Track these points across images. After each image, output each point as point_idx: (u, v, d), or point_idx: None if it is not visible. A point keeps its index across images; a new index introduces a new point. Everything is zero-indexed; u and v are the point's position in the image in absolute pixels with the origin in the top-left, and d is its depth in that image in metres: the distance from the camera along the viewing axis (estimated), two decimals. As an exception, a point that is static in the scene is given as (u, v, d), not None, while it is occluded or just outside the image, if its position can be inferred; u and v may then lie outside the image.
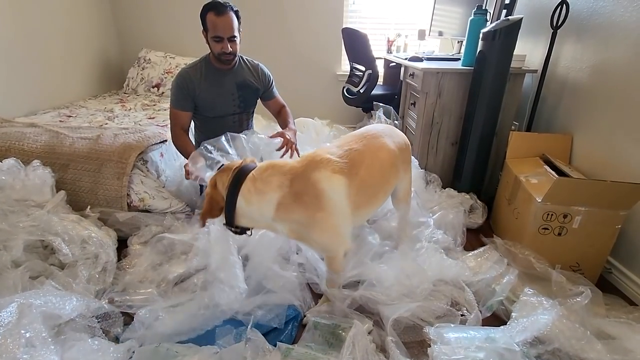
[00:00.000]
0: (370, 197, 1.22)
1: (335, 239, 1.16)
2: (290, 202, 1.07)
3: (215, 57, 1.68)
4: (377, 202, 1.30)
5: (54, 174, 1.56)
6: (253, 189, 1.08)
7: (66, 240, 1.31)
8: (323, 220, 1.10)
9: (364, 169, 1.15)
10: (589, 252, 1.42)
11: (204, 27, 1.63)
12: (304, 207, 1.08)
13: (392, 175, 1.30)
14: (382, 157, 1.24)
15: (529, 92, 2.03)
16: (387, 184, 1.30)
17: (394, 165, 1.29)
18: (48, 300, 1.01)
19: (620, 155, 1.50)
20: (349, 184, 1.11)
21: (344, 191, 1.11)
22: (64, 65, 2.65)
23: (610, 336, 1.10)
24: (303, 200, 1.08)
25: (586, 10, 1.68)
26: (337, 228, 1.14)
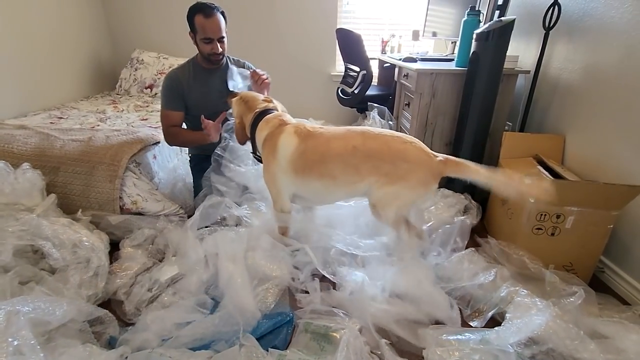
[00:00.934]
0: (312, 168, 1.32)
1: (272, 186, 1.43)
2: (266, 141, 1.40)
3: (205, 58, 1.72)
4: (322, 179, 1.32)
5: (44, 177, 1.53)
6: (262, 126, 1.43)
7: (56, 245, 1.28)
8: (268, 165, 1.39)
9: (314, 140, 1.32)
10: (582, 252, 1.43)
11: (192, 28, 1.65)
12: (267, 149, 1.39)
13: (345, 169, 1.29)
14: (345, 143, 1.29)
15: (521, 92, 2.05)
16: (342, 170, 1.30)
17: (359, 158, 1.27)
18: (37, 306, 0.99)
19: (612, 155, 1.51)
20: (296, 147, 1.33)
21: (290, 150, 1.33)
22: (55, 66, 2.62)
23: (603, 336, 1.10)
24: (269, 144, 1.38)
25: (578, 11, 1.69)
26: (275, 178, 1.39)
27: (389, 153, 1.26)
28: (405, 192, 1.29)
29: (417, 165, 1.26)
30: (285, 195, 1.43)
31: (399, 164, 1.25)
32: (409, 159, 1.26)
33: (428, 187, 1.29)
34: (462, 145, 1.92)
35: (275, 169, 1.37)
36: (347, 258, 1.46)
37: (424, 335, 1.10)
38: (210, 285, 1.32)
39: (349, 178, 1.30)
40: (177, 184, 1.98)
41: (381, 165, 1.26)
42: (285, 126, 1.38)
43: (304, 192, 1.42)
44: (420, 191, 1.30)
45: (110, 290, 1.33)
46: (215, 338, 1.10)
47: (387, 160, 1.26)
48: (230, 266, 1.29)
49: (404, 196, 1.30)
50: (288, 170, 1.35)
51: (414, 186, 1.28)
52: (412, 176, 1.26)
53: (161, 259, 1.52)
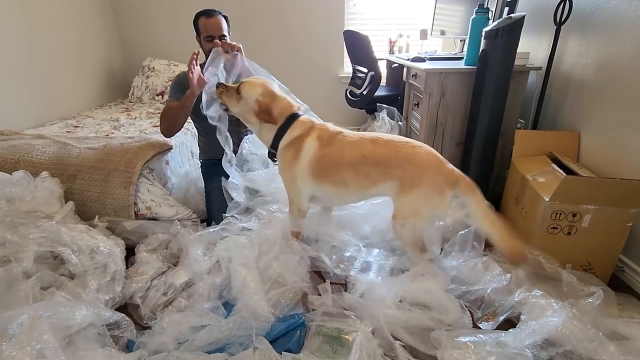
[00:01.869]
0: (328, 174, 1.36)
1: (291, 187, 1.44)
2: (292, 142, 1.40)
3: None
4: (336, 186, 1.37)
5: (62, 185, 1.58)
6: (296, 126, 1.41)
7: (75, 251, 1.32)
8: (290, 166, 1.40)
9: (331, 148, 1.34)
10: (600, 250, 1.40)
11: (197, 31, 1.76)
12: (291, 151, 1.39)
13: (356, 178, 1.33)
14: (356, 152, 1.32)
15: (533, 89, 2.01)
16: (353, 178, 1.34)
17: (369, 166, 1.31)
18: (58, 310, 1.02)
19: (630, 151, 1.47)
20: (315, 152, 1.35)
21: (310, 155, 1.36)
22: (70, 77, 2.70)
23: (623, 337, 1.07)
24: (294, 146, 1.39)
25: (590, 5, 1.66)
26: (295, 179, 1.40)
27: (397, 157, 1.29)
28: (422, 204, 1.28)
29: (426, 168, 1.26)
30: (304, 196, 1.45)
31: (407, 167, 1.27)
32: (416, 162, 1.27)
33: (442, 194, 1.26)
34: (473, 144, 1.90)
35: (296, 171, 1.39)
36: (360, 262, 1.46)
37: (438, 337, 1.09)
38: (224, 289, 1.34)
39: (360, 185, 1.35)
40: (190, 188, 2.01)
41: (391, 170, 1.29)
42: (311, 129, 1.39)
43: (320, 195, 1.46)
44: (436, 199, 1.27)
45: (127, 294, 1.36)
46: (230, 341, 1.11)
47: (395, 165, 1.28)
48: (243, 271, 1.31)
49: (421, 208, 1.29)
50: (307, 174, 1.39)
51: (428, 193, 1.26)
52: (423, 181, 1.26)
53: (175, 263, 1.54)
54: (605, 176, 1.53)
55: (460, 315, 1.18)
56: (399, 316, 1.18)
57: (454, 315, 1.18)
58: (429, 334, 1.13)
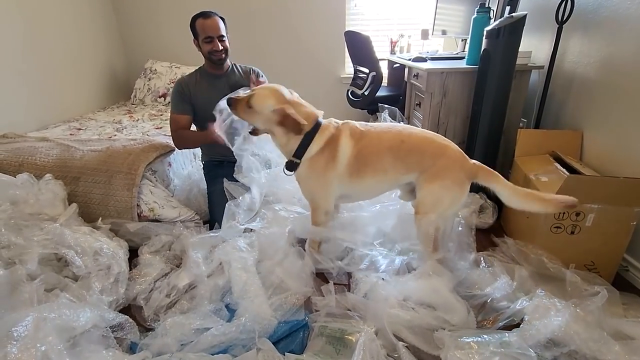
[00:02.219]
0: (367, 165, 1.34)
1: (321, 192, 1.41)
2: (324, 148, 1.35)
3: (207, 59, 1.79)
4: (376, 175, 1.36)
5: (66, 187, 1.59)
6: (321, 132, 1.36)
7: (79, 253, 1.32)
8: (324, 172, 1.35)
9: (367, 139, 1.34)
10: (604, 250, 1.39)
11: (195, 34, 1.76)
12: (324, 156, 1.35)
13: (394, 163, 1.34)
14: (394, 137, 1.34)
15: (536, 88, 2.01)
16: (392, 164, 1.34)
17: (405, 151, 1.33)
18: (62, 312, 1.03)
19: (633, 149, 1.46)
20: (352, 149, 1.34)
21: (348, 154, 1.34)
22: (73, 79, 2.71)
23: (628, 337, 1.07)
24: (327, 150, 1.34)
25: (592, 4, 1.65)
26: (328, 184, 1.38)
27: (431, 148, 1.33)
28: (443, 194, 1.31)
29: (453, 163, 1.30)
30: (333, 198, 1.44)
31: (437, 160, 1.30)
32: (447, 155, 1.31)
33: (462, 187, 1.31)
34: (476, 143, 1.89)
35: (332, 175, 1.36)
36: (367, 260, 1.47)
37: (441, 337, 1.08)
38: (226, 292, 1.34)
39: (397, 170, 1.35)
40: (192, 190, 2.01)
41: (423, 160, 1.32)
42: (341, 129, 1.37)
43: (354, 191, 1.45)
44: (456, 191, 1.31)
45: (130, 296, 1.36)
46: (233, 344, 1.11)
47: (428, 155, 1.31)
48: (243, 275, 1.31)
49: (442, 199, 1.31)
50: (345, 174, 1.37)
51: (450, 186, 1.30)
52: (447, 174, 1.30)
53: (178, 264, 1.55)
54: (608, 175, 1.53)
55: (466, 316, 1.18)
56: (402, 316, 1.17)
57: (460, 315, 1.17)
58: (432, 334, 1.13)
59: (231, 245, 1.45)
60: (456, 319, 1.17)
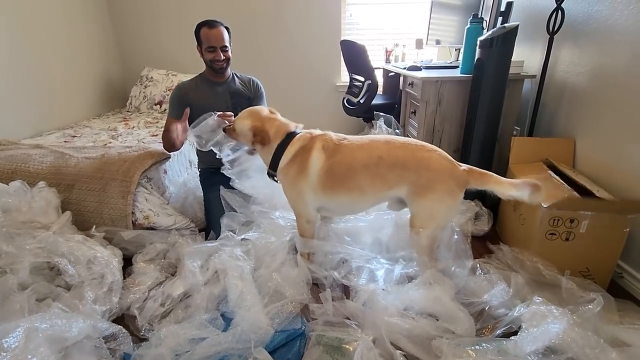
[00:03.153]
0: (341, 183, 1.33)
1: (298, 202, 1.42)
2: (295, 158, 1.37)
3: (208, 66, 1.82)
4: (351, 193, 1.34)
5: (59, 195, 1.57)
6: (294, 143, 1.38)
7: (72, 261, 1.30)
8: (295, 182, 1.37)
9: (340, 155, 1.32)
10: (598, 256, 1.40)
11: (198, 41, 1.78)
12: (295, 166, 1.36)
13: (372, 181, 1.30)
14: (370, 154, 1.30)
15: (529, 97, 2.04)
16: (370, 182, 1.31)
17: (385, 168, 1.29)
18: (54, 323, 1.01)
19: (624, 157, 1.49)
20: (323, 163, 1.33)
21: (318, 167, 1.33)
22: (68, 86, 2.70)
23: (625, 343, 1.07)
24: (298, 160, 1.36)
25: (582, 15, 1.69)
26: (302, 195, 1.38)
27: (414, 161, 1.27)
28: (436, 207, 1.28)
29: (441, 173, 1.26)
30: (312, 208, 1.43)
31: (422, 173, 1.26)
32: (432, 168, 1.26)
33: (455, 197, 1.27)
34: (470, 151, 1.91)
35: (303, 185, 1.36)
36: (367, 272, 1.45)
37: (439, 346, 1.08)
38: (221, 300, 1.33)
39: (377, 188, 1.32)
40: (188, 197, 2.00)
41: (406, 174, 1.27)
42: (313, 142, 1.36)
43: (331, 206, 1.43)
44: (449, 202, 1.28)
45: (124, 305, 1.34)
46: (229, 353, 1.10)
47: (411, 169, 1.27)
48: (240, 284, 1.30)
49: (436, 212, 1.29)
50: (317, 187, 1.35)
51: (442, 198, 1.26)
52: (437, 186, 1.26)
53: (173, 272, 1.53)
54: (600, 182, 1.55)
55: (471, 325, 1.16)
56: (402, 325, 1.17)
57: (464, 324, 1.15)
58: (431, 343, 1.12)
59: (227, 254, 1.43)
60: (460, 329, 1.15)
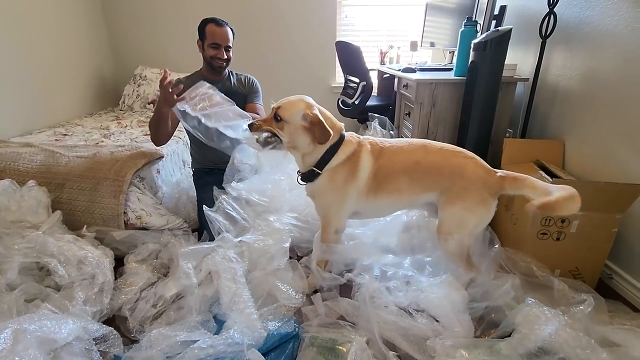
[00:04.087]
0: (384, 185, 1.31)
1: (337, 207, 1.36)
2: (346, 161, 1.32)
3: (208, 63, 1.79)
4: (391, 195, 1.32)
5: (50, 194, 1.55)
6: (348, 142, 1.33)
7: (62, 262, 1.28)
8: (344, 185, 1.31)
9: (384, 158, 1.31)
10: (588, 256, 1.42)
11: (201, 36, 1.75)
12: (345, 170, 1.31)
13: (409, 184, 1.29)
14: (408, 158, 1.30)
15: (521, 100, 2.06)
16: (407, 185, 1.30)
17: (421, 172, 1.28)
18: (43, 324, 0.99)
19: (612, 158, 1.51)
20: (372, 166, 1.31)
21: (368, 170, 1.31)
22: (59, 84, 2.66)
23: (615, 344, 1.08)
24: (349, 164, 1.31)
25: (574, 19, 1.72)
26: (346, 198, 1.33)
27: (448, 168, 1.26)
28: (467, 216, 1.25)
29: (474, 182, 1.23)
30: (346, 216, 1.39)
31: (456, 180, 1.24)
32: (466, 176, 1.24)
33: (487, 206, 1.25)
34: (464, 153, 1.92)
35: (351, 189, 1.32)
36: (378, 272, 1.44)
37: (433, 346, 1.08)
38: (214, 302, 1.32)
39: (412, 191, 1.31)
40: (181, 198, 1.99)
41: (440, 180, 1.26)
42: (362, 145, 1.33)
43: (368, 209, 1.40)
44: (480, 211, 1.25)
45: (115, 306, 1.32)
46: (220, 356, 1.08)
47: (445, 176, 1.25)
48: (232, 286, 1.28)
49: (466, 221, 1.26)
50: (362, 191, 1.33)
51: (473, 207, 1.24)
52: (469, 195, 1.23)
53: (165, 273, 1.51)
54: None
55: (470, 331, 1.16)
56: (399, 323, 1.17)
57: (463, 331, 1.15)
58: (426, 343, 1.12)
59: (221, 256, 1.42)
60: (459, 334, 1.14)
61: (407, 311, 1.25)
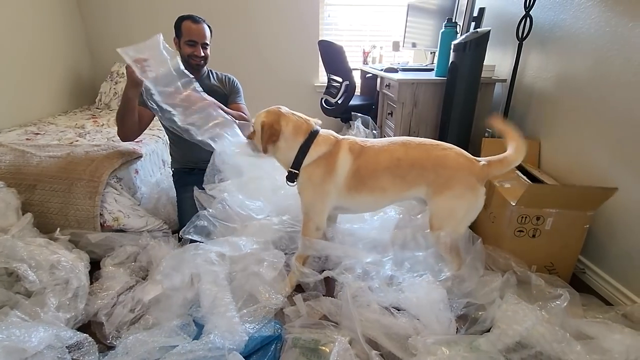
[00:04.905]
0: (365, 184, 1.34)
1: (318, 203, 1.38)
2: (322, 159, 1.35)
3: (185, 61, 1.73)
4: (374, 193, 1.35)
5: (20, 196, 1.48)
6: (319, 142, 1.36)
7: (33, 266, 1.23)
8: (322, 182, 1.34)
9: (366, 157, 1.33)
10: (562, 252, 1.47)
11: (178, 34, 1.72)
12: (321, 167, 1.34)
13: (393, 181, 1.32)
14: (390, 156, 1.32)
15: (499, 100, 2.11)
16: (391, 182, 1.32)
17: (404, 169, 1.30)
18: (12, 333, 0.94)
19: (585, 158, 1.57)
20: (351, 165, 1.33)
21: (347, 169, 1.33)
22: (31, 81, 2.55)
23: (588, 336, 1.12)
24: (326, 162, 1.34)
25: (548, 23, 1.77)
26: (325, 195, 1.36)
27: (430, 161, 1.29)
28: (456, 204, 1.28)
29: (458, 170, 1.27)
30: (327, 213, 1.41)
31: (440, 172, 1.27)
32: (448, 165, 1.27)
33: (476, 192, 1.27)
34: (445, 152, 1.95)
35: (330, 187, 1.35)
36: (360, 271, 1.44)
37: (415, 344, 1.09)
38: (194, 305, 1.29)
39: (397, 188, 1.33)
40: (161, 198, 1.94)
41: (424, 174, 1.29)
42: (340, 144, 1.36)
43: (350, 205, 1.42)
44: (470, 198, 1.27)
45: (91, 311, 1.28)
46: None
47: (429, 168, 1.28)
48: (213, 289, 1.25)
49: (457, 210, 1.29)
50: (342, 188, 1.35)
51: (461, 194, 1.26)
52: (455, 183, 1.26)
53: (144, 276, 1.47)
54: (563, 182, 1.63)
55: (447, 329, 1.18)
56: (382, 321, 1.17)
57: (440, 328, 1.17)
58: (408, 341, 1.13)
59: (202, 258, 1.39)
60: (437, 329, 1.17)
61: (388, 310, 1.26)
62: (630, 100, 1.36)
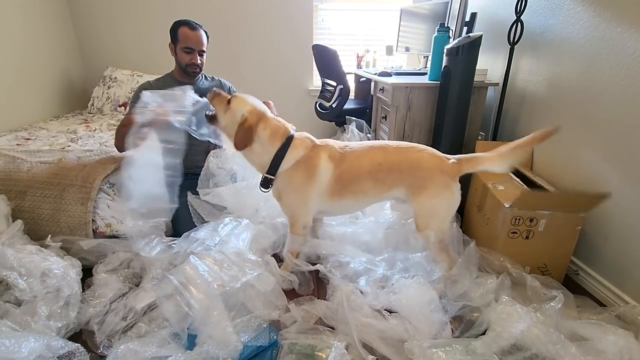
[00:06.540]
0: (347, 188, 1.37)
1: (300, 206, 1.41)
2: (300, 163, 1.36)
3: (182, 69, 1.73)
4: (356, 196, 1.39)
5: (10, 202, 1.46)
6: (296, 145, 1.37)
7: (23, 275, 1.20)
8: (303, 186, 1.36)
9: (347, 163, 1.35)
10: (555, 253, 1.48)
11: (174, 39, 1.69)
12: (301, 171, 1.36)
13: (375, 184, 1.36)
14: (371, 161, 1.35)
15: (492, 104, 2.13)
16: (372, 185, 1.36)
17: (384, 173, 1.34)
18: (1, 343, 0.92)
19: (576, 160, 1.59)
20: (333, 172, 1.35)
21: (328, 176, 1.35)
22: (22, 85, 2.52)
23: (583, 338, 1.13)
24: (305, 166, 1.36)
25: (539, 27, 1.80)
26: (308, 199, 1.38)
27: (407, 164, 1.34)
28: (436, 202, 1.33)
29: (431, 171, 1.32)
30: (312, 213, 1.44)
31: (415, 173, 1.33)
32: (423, 167, 1.33)
33: (450, 189, 1.33)
34: (439, 155, 1.97)
35: (311, 191, 1.37)
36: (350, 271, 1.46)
37: (411, 348, 1.09)
38: (187, 314, 1.26)
39: (378, 191, 1.38)
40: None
41: (402, 177, 1.34)
42: (319, 150, 1.38)
43: (334, 209, 1.46)
44: (446, 195, 1.33)
45: (83, 320, 1.25)
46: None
47: (405, 171, 1.34)
48: (205, 300, 1.21)
49: (437, 208, 1.34)
50: (325, 194, 1.38)
51: (438, 193, 1.32)
52: (430, 183, 1.32)
53: (137, 283, 1.45)
54: (555, 183, 1.64)
55: (442, 331, 1.18)
56: (376, 325, 1.17)
57: (431, 330, 1.17)
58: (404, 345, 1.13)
59: (194, 267, 1.35)
60: (426, 334, 1.17)
61: (380, 312, 1.26)
62: (619, 102, 1.39)
